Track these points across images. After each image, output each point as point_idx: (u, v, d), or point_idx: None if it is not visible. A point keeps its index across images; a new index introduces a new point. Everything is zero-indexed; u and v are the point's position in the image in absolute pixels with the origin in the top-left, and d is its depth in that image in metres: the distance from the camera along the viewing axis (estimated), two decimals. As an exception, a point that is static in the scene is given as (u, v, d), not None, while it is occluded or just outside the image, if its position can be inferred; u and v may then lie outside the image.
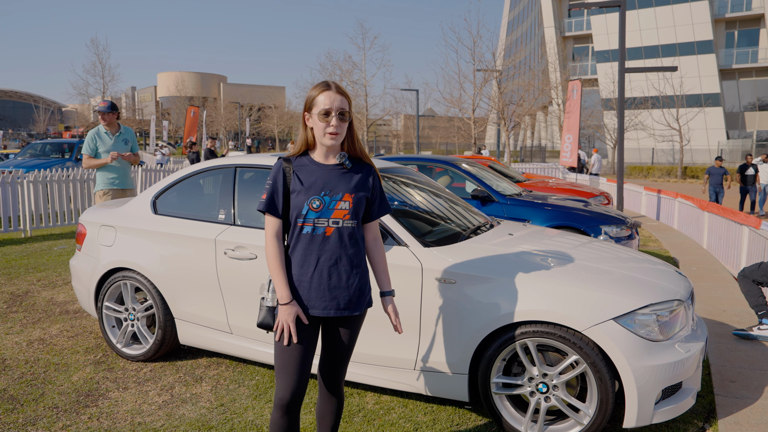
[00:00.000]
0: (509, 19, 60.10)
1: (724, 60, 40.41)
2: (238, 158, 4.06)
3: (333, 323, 2.40)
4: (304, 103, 2.35)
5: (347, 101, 2.30)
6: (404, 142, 65.23)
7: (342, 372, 2.48)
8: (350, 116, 2.34)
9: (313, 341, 2.36)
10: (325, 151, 2.35)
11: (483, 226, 4.00)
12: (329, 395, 2.50)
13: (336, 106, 2.25)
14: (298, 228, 2.31)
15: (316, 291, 2.30)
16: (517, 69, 33.07)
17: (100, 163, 6.03)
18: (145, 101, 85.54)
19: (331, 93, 2.25)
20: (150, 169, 12.78)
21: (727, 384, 3.77)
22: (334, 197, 2.29)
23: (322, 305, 2.31)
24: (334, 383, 2.48)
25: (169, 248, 4.01)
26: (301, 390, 2.30)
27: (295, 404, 2.30)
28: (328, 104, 2.24)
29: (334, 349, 2.43)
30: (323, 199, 2.28)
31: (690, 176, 30.44)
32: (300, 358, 2.28)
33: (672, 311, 3.02)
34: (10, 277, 6.78)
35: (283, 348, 2.29)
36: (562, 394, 3.00)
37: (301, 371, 2.29)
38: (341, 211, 2.30)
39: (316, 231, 2.28)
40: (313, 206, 2.27)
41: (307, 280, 2.29)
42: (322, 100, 2.25)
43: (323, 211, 2.28)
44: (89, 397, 3.65)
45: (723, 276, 6.88)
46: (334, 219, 2.29)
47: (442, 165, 7.65)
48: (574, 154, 14.12)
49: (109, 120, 6.14)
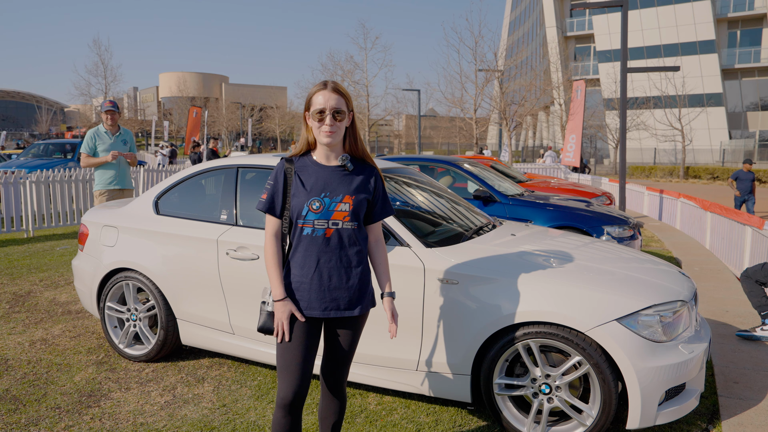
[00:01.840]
0: (511, 19, 60.07)
1: (726, 60, 40.34)
2: (241, 158, 4.06)
3: (334, 324, 2.40)
4: (304, 103, 2.36)
5: (344, 100, 2.29)
6: (406, 142, 65.22)
7: (344, 373, 2.47)
8: (352, 116, 2.34)
9: (315, 342, 2.36)
10: (325, 151, 2.34)
11: (485, 226, 3.99)
12: (332, 396, 2.49)
13: (330, 106, 2.25)
14: (298, 229, 2.31)
15: (316, 292, 2.30)
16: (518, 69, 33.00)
17: (99, 162, 6.04)
18: (147, 101, 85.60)
19: (326, 92, 2.27)
20: (151, 170, 12.79)
21: (730, 385, 3.75)
22: (334, 199, 2.29)
23: (323, 306, 2.31)
24: (337, 384, 2.47)
25: (171, 249, 4.01)
26: (303, 390, 2.30)
27: (297, 404, 2.31)
28: (322, 103, 2.26)
29: (336, 350, 2.42)
30: (323, 200, 2.28)
31: (692, 176, 30.38)
32: (301, 358, 2.29)
33: (675, 312, 3.01)
34: (13, 277, 6.78)
35: (284, 349, 2.30)
36: (564, 395, 2.99)
37: (303, 371, 2.29)
38: (341, 213, 2.29)
39: (317, 232, 2.28)
40: (312, 207, 2.27)
41: (308, 281, 2.30)
42: (317, 99, 2.27)
43: (323, 213, 2.28)
44: (91, 397, 3.65)
45: (726, 276, 6.86)
46: (333, 221, 2.29)
47: (444, 165, 7.64)
48: (578, 155, 14.10)
49: (114, 120, 6.18)
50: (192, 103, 55.14)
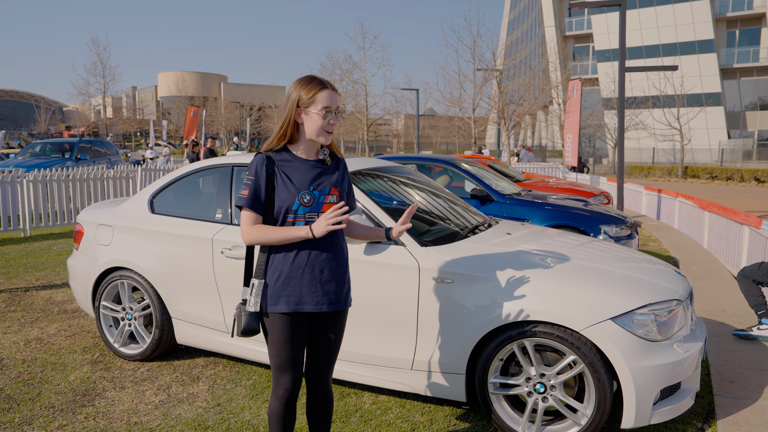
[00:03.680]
0: (509, 19, 60.05)
1: (725, 59, 40.36)
2: (236, 157, 4.05)
3: (322, 320, 2.40)
4: (290, 97, 2.30)
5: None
6: (404, 141, 65.17)
7: (331, 369, 2.48)
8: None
9: (305, 337, 2.38)
10: (309, 146, 2.36)
11: (481, 225, 3.99)
12: (320, 394, 2.49)
13: (335, 105, 2.31)
14: (288, 224, 2.30)
15: (308, 286, 2.29)
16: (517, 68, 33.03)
17: None
18: (146, 101, 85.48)
19: (331, 92, 2.30)
20: (149, 168, 12.77)
21: (726, 384, 3.75)
22: (323, 191, 2.33)
23: (314, 300, 2.31)
24: (324, 382, 2.47)
25: (166, 247, 4.00)
26: (298, 382, 2.38)
27: (295, 395, 2.40)
28: (329, 102, 2.29)
29: (324, 346, 2.42)
30: (313, 193, 2.31)
31: (691, 176, 30.39)
32: (297, 354, 2.34)
33: (670, 311, 3.01)
34: (9, 276, 6.77)
35: (280, 348, 2.31)
36: (559, 394, 2.98)
37: (300, 365, 2.37)
38: (330, 205, 2.33)
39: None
40: (304, 201, 2.28)
41: (299, 275, 2.29)
42: (324, 98, 2.28)
43: (313, 206, 2.30)
44: (86, 396, 3.64)
45: (723, 276, 6.86)
46: (324, 213, 2.30)
47: (442, 164, 7.63)
48: (575, 154, 14.09)
49: None
50: (191, 103, 55.09)
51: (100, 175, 11.09)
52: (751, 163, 36.84)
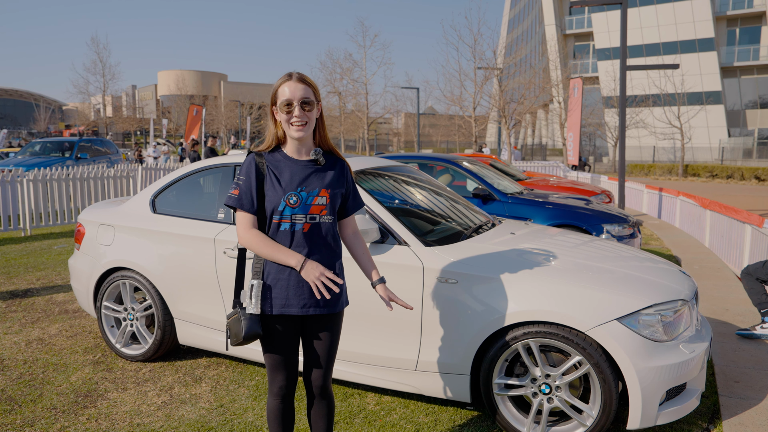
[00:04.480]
0: (510, 17, 59.97)
1: (725, 58, 40.31)
2: (238, 157, 4.03)
3: (314, 324, 2.35)
4: (270, 97, 2.29)
5: (311, 90, 2.25)
6: (405, 140, 65.11)
7: (328, 373, 2.42)
8: (319, 108, 2.30)
9: (297, 340, 2.35)
10: (296, 145, 2.30)
11: (484, 225, 3.97)
12: (319, 398, 2.44)
13: (298, 96, 2.21)
14: (274, 225, 2.26)
15: (294, 289, 2.24)
16: (518, 67, 33.00)
17: None
18: (146, 100, 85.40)
19: (292, 83, 2.22)
20: (150, 168, 12.74)
21: (731, 384, 3.73)
22: (311, 193, 2.26)
23: (301, 303, 2.26)
24: (323, 386, 2.41)
25: (168, 247, 3.98)
26: (294, 379, 2.37)
27: (291, 392, 2.39)
28: (289, 95, 2.21)
29: (318, 351, 2.37)
30: (300, 194, 2.24)
31: (691, 174, 30.36)
32: (289, 354, 2.33)
33: (676, 311, 2.99)
34: (10, 276, 6.75)
35: (271, 349, 2.31)
36: (564, 395, 2.97)
37: (294, 364, 2.36)
38: (318, 207, 2.27)
39: (295, 227, 2.24)
40: (290, 202, 2.23)
41: (285, 278, 2.24)
42: (283, 91, 2.22)
43: (300, 207, 2.24)
44: (88, 397, 3.62)
45: (725, 275, 6.84)
46: (311, 215, 2.25)
47: (443, 163, 7.61)
48: (576, 153, 14.08)
49: None
50: (191, 101, 55.03)
51: (100, 174, 11.06)
52: (752, 161, 36.81)
